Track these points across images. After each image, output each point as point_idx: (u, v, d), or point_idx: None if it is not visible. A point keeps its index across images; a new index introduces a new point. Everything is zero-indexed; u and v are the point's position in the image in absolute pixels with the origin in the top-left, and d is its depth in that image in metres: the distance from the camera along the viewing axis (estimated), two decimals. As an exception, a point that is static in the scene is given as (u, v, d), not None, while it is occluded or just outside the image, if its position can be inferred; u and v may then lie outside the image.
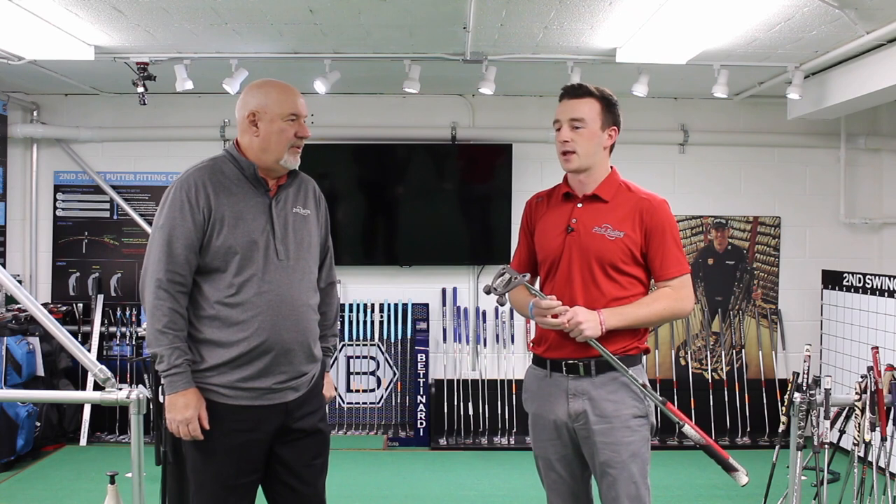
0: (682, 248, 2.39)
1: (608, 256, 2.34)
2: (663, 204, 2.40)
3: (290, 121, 2.33)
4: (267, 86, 2.37)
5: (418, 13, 3.77)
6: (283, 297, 2.31)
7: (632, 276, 2.36)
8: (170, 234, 2.25)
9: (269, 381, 2.30)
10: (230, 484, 2.29)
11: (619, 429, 2.30)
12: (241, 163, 2.35)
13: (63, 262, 5.77)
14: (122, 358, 5.66)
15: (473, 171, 5.80)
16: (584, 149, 2.38)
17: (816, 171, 5.84)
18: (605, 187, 2.41)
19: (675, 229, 2.39)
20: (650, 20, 3.70)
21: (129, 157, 5.76)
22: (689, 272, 2.40)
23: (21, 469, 4.83)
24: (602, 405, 2.32)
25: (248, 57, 4.44)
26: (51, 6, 3.58)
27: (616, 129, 2.43)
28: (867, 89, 4.25)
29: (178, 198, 2.28)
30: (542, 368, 2.44)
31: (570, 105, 2.40)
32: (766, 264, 5.86)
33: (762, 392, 5.72)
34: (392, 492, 4.56)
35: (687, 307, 2.39)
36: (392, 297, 5.75)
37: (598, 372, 2.33)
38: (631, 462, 2.30)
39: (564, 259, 2.39)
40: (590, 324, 2.26)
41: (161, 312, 2.23)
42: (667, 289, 2.36)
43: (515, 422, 5.65)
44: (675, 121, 5.79)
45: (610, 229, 2.35)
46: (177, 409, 2.21)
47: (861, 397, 3.04)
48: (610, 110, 2.42)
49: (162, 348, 2.22)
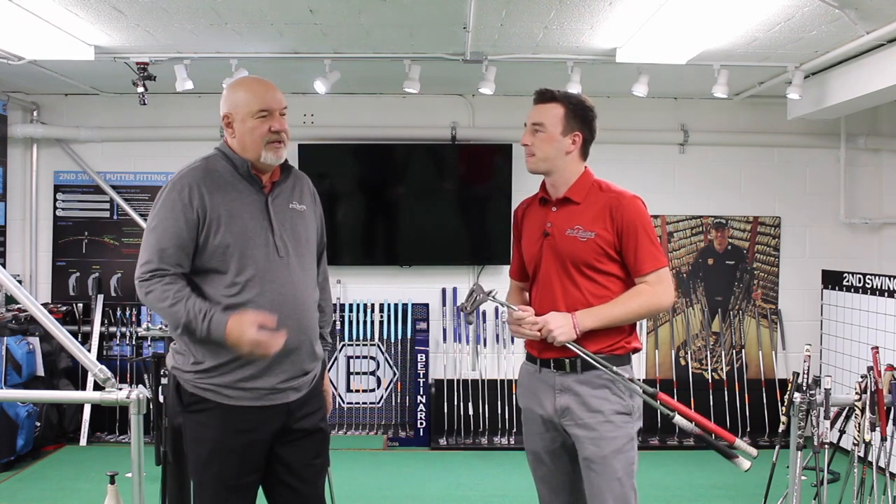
0: (656, 243, 2.41)
1: (582, 257, 2.39)
2: (634, 200, 2.42)
3: (261, 117, 2.28)
4: (237, 86, 2.37)
5: (418, 13, 3.77)
6: (286, 296, 2.29)
7: (609, 273, 2.40)
8: (161, 236, 2.23)
9: (272, 380, 2.28)
10: (231, 484, 2.28)
11: (601, 423, 2.35)
12: (235, 160, 2.32)
13: (63, 262, 5.77)
14: (122, 358, 5.67)
15: (473, 171, 5.80)
16: (542, 152, 2.45)
17: (816, 171, 5.85)
18: (575, 189, 2.47)
19: (646, 224, 2.40)
20: (650, 20, 3.70)
21: (129, 157, 5.76)
22: (665, 265, 2.41)
23: (21, 469, 4.83)
24: (586, 400, 2.37)
25: (248, 57, 4.44)
26: (51, 6, 3.58)
27: (580, 135, 2.45)
28: (867, 89, 4.25)
29: (170, 198, 2.25)
30: (533, 364, 2.51)
31: (535, 109, 2.48)
32: (766, 264, 5.86)
33: (762, 392, 5.72)
34: (392, 492, 4.56)
35: (664, 301, 2.40)
36: (392, 297, 5.75)
37: (584, 369, 2.38)
38: (613, 458, 2.33)
39: (544, 263, 2.47)
40: (562, 329, 2.33)
41: (158, 295, 2.19)
42: (643, 285, 2.38)
43: (515, 422, 5.65)
44: (675, 121, 5.79)
45: (581, 230, 2.40)
46: (239, 342, 2.14)
47: (861, 397, 3.04)
48: (576, 115, 2.44)
49: (182, 316, 2.17)
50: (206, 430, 2.26)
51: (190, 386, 2.27)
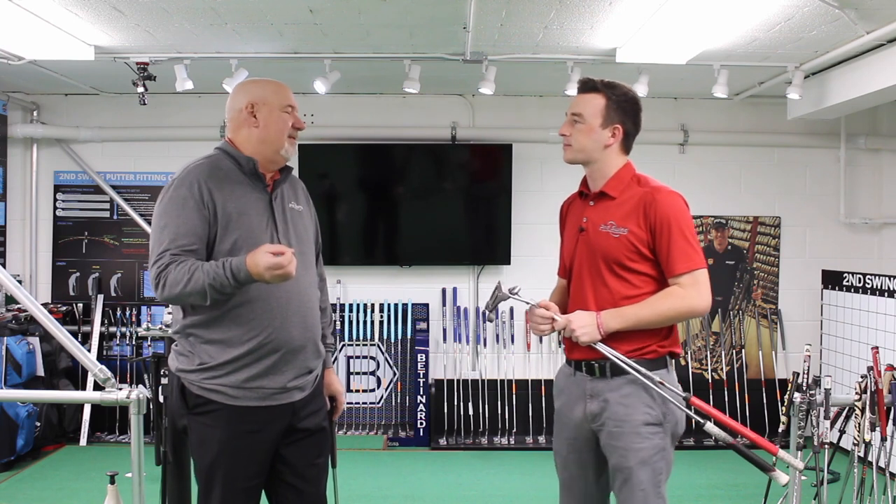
0: (692, 242, 2.28)
1: (613, 254, 2.30)
2: (671, 195, 2.32)
3: (287, 112, 2.34)
4: (260, 80, 2.41)
5: (418, 13, 3.77)
6: (291, 294, 2.29)
7: (641, 273, 2.30)
8: (175, 232, 2.17)
9: (281, 379, 2.27)
10: (239, 486, 2.26)
11: (628, 434, 2.26)
12: (240, 158, 2.31)
13: (63, 262, 5.77)
14: (122, 358, 5.67)
15: (473, 171, 5.80)
16: (579, 143, 2.37)
17: (816, 171, 5.84)
18: (613, 183, 2.38)
19: (682, 221, 2.28)
20: (650, 20, 3.70)
21: (129, 157, 5.76)
22: (701, 267, 2.27)
23: (21, 469, 4.83)
24: (614, 408, 2.29)
25: (248, 57, 4.44)
26: (51, 6, 3.58)
27: (620, 128, 2.36)
28: (867, 89, 4.25)
29: (179, 194, 2.21)
30: (569, 366, 2.44)
31: (576, 99, 2.41)
32: (766, 264, 5.85)
33: (762, 392, 5.72)
34: (392, 492, 4.56)
35: (697, 306, 2.28)
36: (392, 297, 5.75)
37: (613, 374, 2.30)
38: (639, 469, 2.25)
39: (577, 259, 2.40)
40: (585, 329, 2.26)
41: (174, 277, 2.12)
42: (676, 287, 2.26)
43: (515, 422, 5.65)
44: (675, 121, 5.79)
45: (615, 226, 2.31)
46: (259, 270, 2.08)
47: (861, 397, 3.04)
48: (618, 107, 2.35)
49: (204, 279, 2.10)
50: (213, 431, 2.24)
51: (195, 387, 2.25)
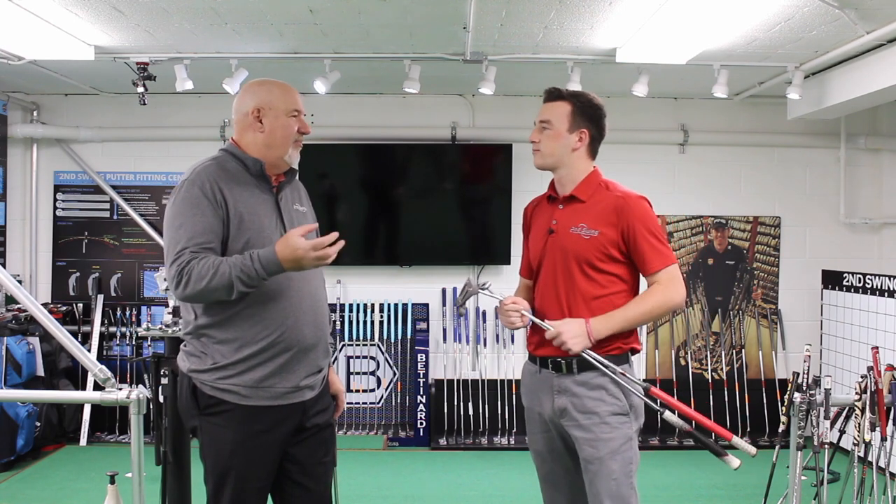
0: (663, 240, 2.42)
1: (584, 255, 2.41)
2: (638, 200, 2.43)
3: (293, 116, 2.33)
4: (268, 83, 2.38)
5: (418, 13, 3.77)
6: (303, 294, 2.29)
7: (610, 273, 2.42)
8: (192, 230, 2.15)
9: (293, 378, 2.27)
10: (251, 486, 2.26)
11: (597, 425, 2.36)
12: (247, 160, 2.30)
13: (63, 262, 5.77)
14: (122, 358, 5.67)
15: (473, 171, 5.80)
16: (548, 148, 2.49)
17: (816, 171, 5.84)
18: (582, 187, 2.49)
19: (651, 223, 2.41)
20: (650, 20, 3.70)
21: (129, 157, 5.76)
22: (674, 262, 2.42)
23: (21, 469, 4.83)
24: (582, 402, 2.39)
25: (248, 57, 4.44)
26: (51, 6, 3.58)
27: (586, 132, 2.48)
28: (867, 89, 4.25)
29: (192, 194, 2.19)
30: (534, 364, 2.54)
31: (543, 108, 2.52)
32: (766, 264, 5.85)
33: (762, 392, 5.72)
34: (392, 492, 4.56)
35: (677, 298, 2.41)
36: (392, 297, 5.75)
37: (580, 370, 2.40)
38: (610, 459, 2.34)
39: (547, 260, 2.50)
40: (576, 339, 2.36)
41: (197, 273, 2.10)
42: (655, 285, 2.40)
43: (515, 422, 5.65)
44: (675, 121, 5.79)
45: (585, 228, 2.43)
46: (295, 256, 2.08)
47: (861, 397, 3.04)
48: (583, 113, 2.47)
49: (229, 272, 2.09)
50: (225, 432, 2.24)
51: (207, 388, 2.24)
